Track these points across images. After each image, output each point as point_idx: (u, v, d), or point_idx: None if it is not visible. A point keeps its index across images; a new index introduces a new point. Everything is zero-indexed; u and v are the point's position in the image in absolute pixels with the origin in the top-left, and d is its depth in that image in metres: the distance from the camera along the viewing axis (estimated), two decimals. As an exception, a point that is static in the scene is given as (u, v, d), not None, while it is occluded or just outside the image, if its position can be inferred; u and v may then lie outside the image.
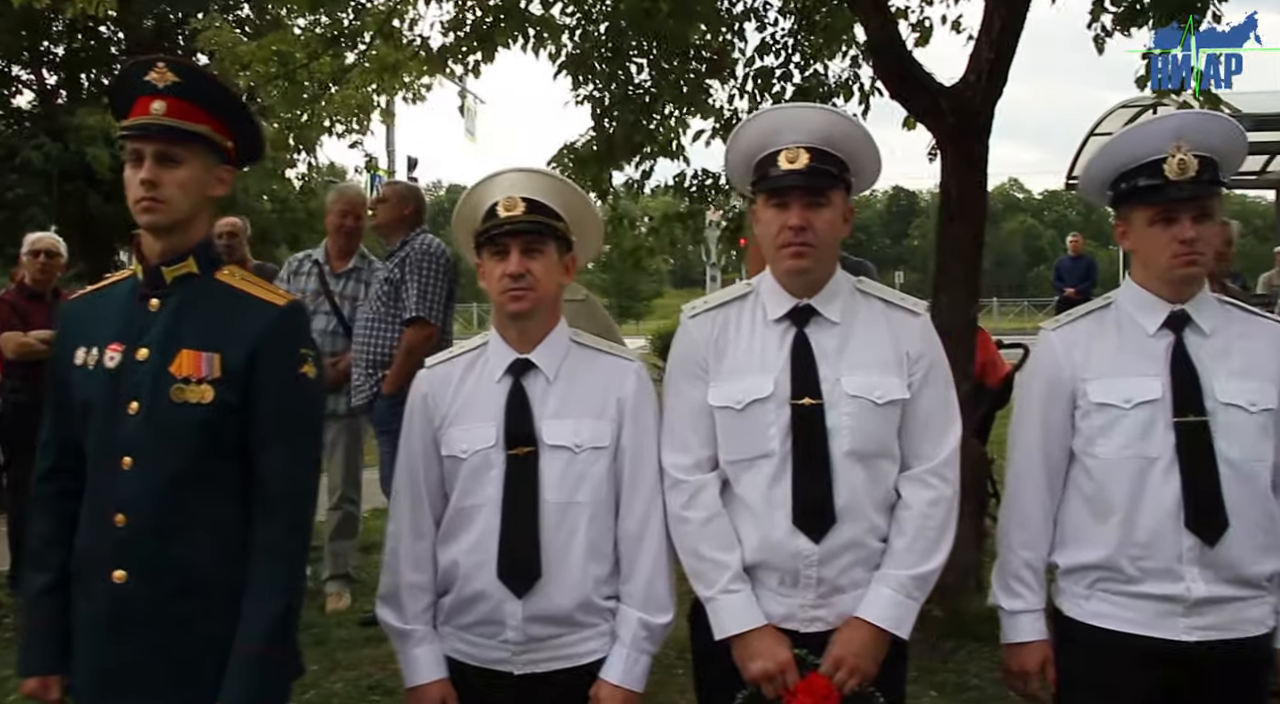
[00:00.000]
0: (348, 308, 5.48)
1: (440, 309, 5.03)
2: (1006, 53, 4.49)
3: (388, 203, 5.26)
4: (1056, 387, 2.43)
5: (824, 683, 2.23)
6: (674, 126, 5.66)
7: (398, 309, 5.05)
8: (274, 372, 2.16)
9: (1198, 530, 2.26)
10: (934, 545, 2.30)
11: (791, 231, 2.29)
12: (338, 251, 5.63)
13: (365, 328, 5.13)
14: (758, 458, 2.30)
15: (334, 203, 5.68)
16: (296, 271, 5.64)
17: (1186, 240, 2.29)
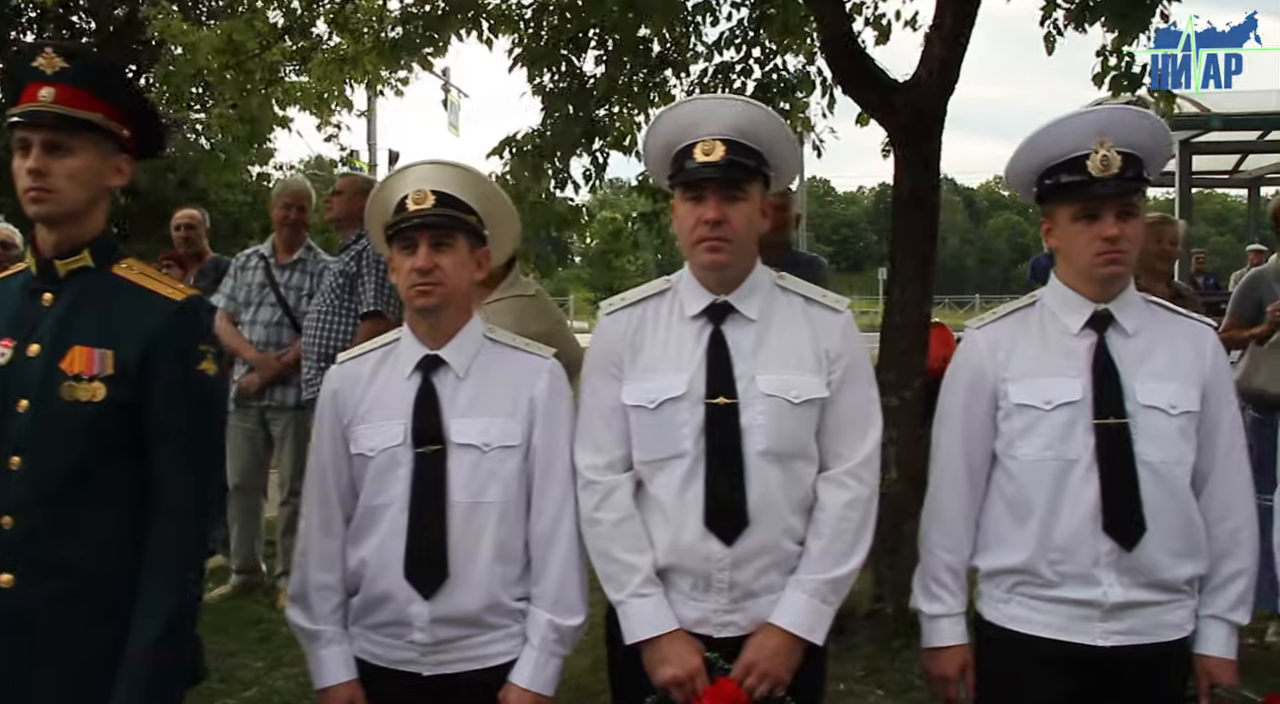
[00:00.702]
0: (293, 298, 5.49)
1: (398, 303, 4.99)
2: (958, 49, 4.45)
3: (343, 195, 5.23)
4: (978, 387, 2.39)
5: (732, 688, 2.18)
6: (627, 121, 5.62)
7: (352, 302, 5.03)
8: (168, 369, 2.09)
9: (1115, 535, 2.22)
10: (850, 548, 2.26)
11: (707, 226, 2.24)
12: (283, 244, 5.63)
13: (317, 321, 5.09)
14: (670, 458, 2.26)
15: (278, 196, 5.71)
16: (243, 266, 5.65)
17: (1109, 238, 2.25)
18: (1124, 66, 4.81)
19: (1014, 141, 2.38)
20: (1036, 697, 2.29)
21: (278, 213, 5.63)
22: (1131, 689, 2.27)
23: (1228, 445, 2.32)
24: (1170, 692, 2.29)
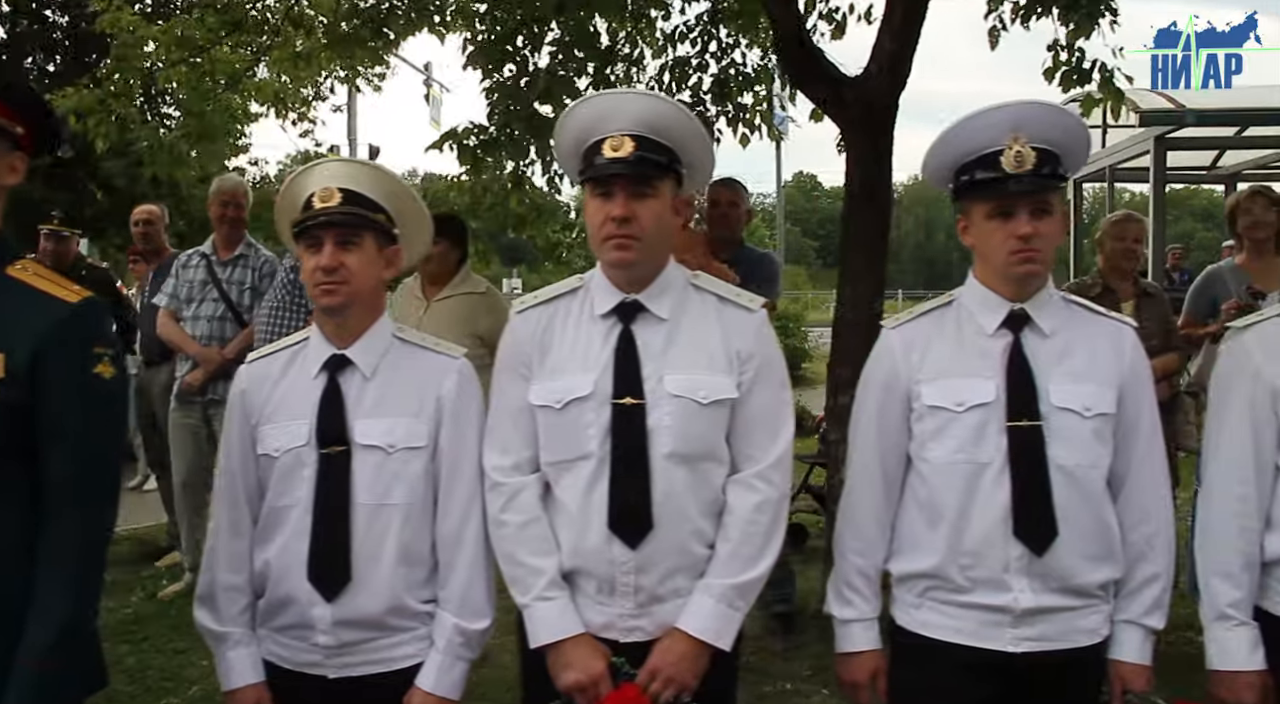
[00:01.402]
0: (235, 294, 5.54)
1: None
2: (909, 44, 4.41)
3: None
4: (892, 388, 2.34)
5: (635, 694, 2.13)
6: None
7: (303, 298, 5.05)
8: (61, 371, 2.03)
9: (1026, 539, 2.18)
10: (759, 552, 2.22)
11: (615, 223, 2.19)
12: (223, 241, 5.70)
13: (269, 316, 5.11)
14: (576, 459, 2.22)
15: (214, 195, 5.77)
16: (185, 265, 5.71)
17: (1023, 236, 2.20)
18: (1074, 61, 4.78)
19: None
20: (949, 703, 2.25)
21: (215, 211, 5.66)
22: (1044, 695, 2.23)
23: (1145, 448, 2.28)
24: (1084, 697, 2.25)
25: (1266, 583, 2.28)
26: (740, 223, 5.14)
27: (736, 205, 5.07)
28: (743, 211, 5.15)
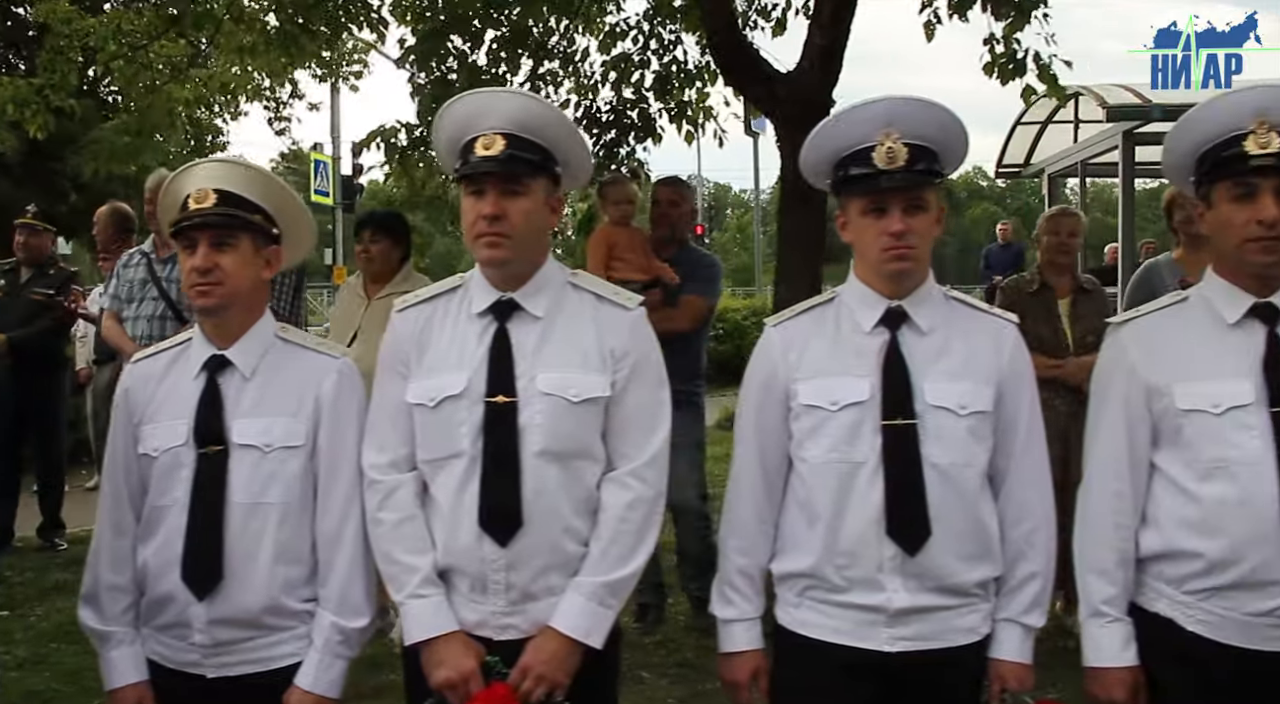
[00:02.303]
0: (175, 291, 5.44)
1: (288, 301, 5.02)
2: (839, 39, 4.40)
3: None
4: (771, 387, 2.33)
5: (504, 692, 2.13)
6: None
7: None
8: None
9: (898, 539, 2.17)
10: (631, 550, 2.22)
11: (486, 221, 2.20)
12: (161, 239, 5.63)
13: None
14: (449, 457, 2.22)
15: (149, 193, 5.72)
16: (126, 264, 5.65)
17: (895, 233, 2.18)
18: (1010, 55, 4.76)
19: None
20: (828, 702, 2.25)
21: (148, 208, 5.61)
22: (923, 695, 2.22)
23: (1024, 445, 2.27)
24: (964, 696, 2.24)
25: (1142, 580, 2.27)
26: (683, 222, 5.14)
27: (677, 204, 5.07)
28: (685, 211, 5.15)
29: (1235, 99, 2.21)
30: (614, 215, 5.09)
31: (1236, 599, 2.14)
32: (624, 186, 5.24)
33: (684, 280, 4.88)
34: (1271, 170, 2.13)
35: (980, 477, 2.23)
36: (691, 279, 4.89)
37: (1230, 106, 2.20)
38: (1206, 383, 2.20)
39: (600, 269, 4.93)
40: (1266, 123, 2.14)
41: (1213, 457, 2.17)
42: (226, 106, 7.33)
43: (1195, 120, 2.25)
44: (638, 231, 5.13)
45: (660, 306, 4.78)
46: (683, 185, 5.14)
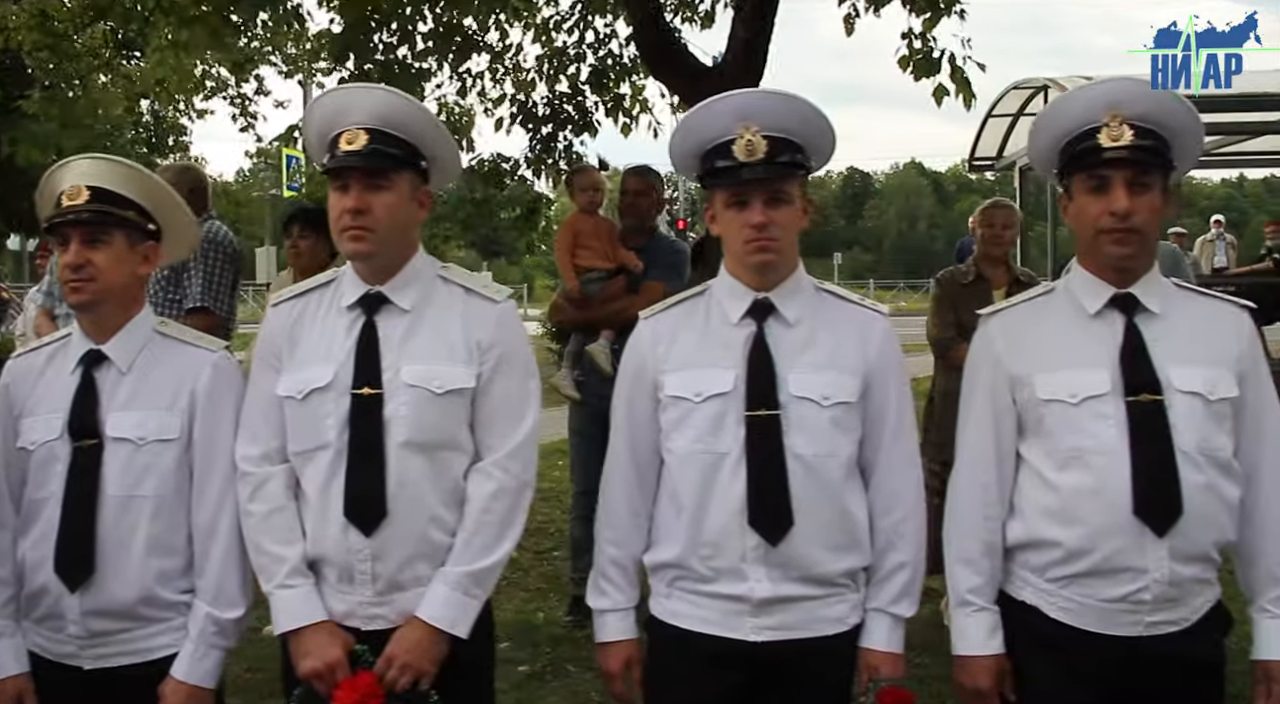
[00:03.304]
0: None
1: (226, 298, 5.01)
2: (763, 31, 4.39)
3: None
4: (641, 379, 2.35)
5: (369, 681, 2.16)
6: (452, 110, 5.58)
7: (176, 295, 5.01)
8: None
9: (760, 529, 2.19)
10: (495, 540, 2.25)
11: (350, 215, 2.23)
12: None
13: None
14: (316, 449, 2.25)
15: None
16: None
17: (757, 225, 2.20)
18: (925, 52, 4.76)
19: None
20: (696, 692, 2.26)
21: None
22: (792, 684, 2.24)
23: (893, 435, 2.28)
24: (834, 686, 2.26)
25: (1009, 568, 2.29)
26: (650, 211, 5.15)
27: (644, 194, 5.08)
28: (653, 200, 5.16)
29: (1089, 92, 2.23)
30: (580, 203, 5.13)
31: (1093, 586, 2.17)
32: (590, 175, 5.28)
33: (648, 268, 4.90)
34: (1124, 162, 2.15)
35: (845, 467, 2.25)
36: (655, 266, 4.91)
37: (1085, 100, 2.22)
38: (1065, 373, 2.22)
39: (566, 257, 4.97)
40: (1119, 116, 2.16)
41: (1070, 446, 2.19)
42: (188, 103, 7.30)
43: (1053, 114, 2.28)
44: (605, 220, 5.16)
45: (623, 294, 4.81)
46: (651, 175, 5.15)
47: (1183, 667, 2.17)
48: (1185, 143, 2.23)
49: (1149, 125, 2.17)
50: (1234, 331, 2.25)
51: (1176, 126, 2.20)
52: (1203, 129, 2.28)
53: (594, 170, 5.39)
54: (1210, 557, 2.18)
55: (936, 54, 4.82)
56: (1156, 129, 2.17)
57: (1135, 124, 2.16)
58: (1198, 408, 2.16)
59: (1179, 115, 2.20)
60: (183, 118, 14.11)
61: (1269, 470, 2.23)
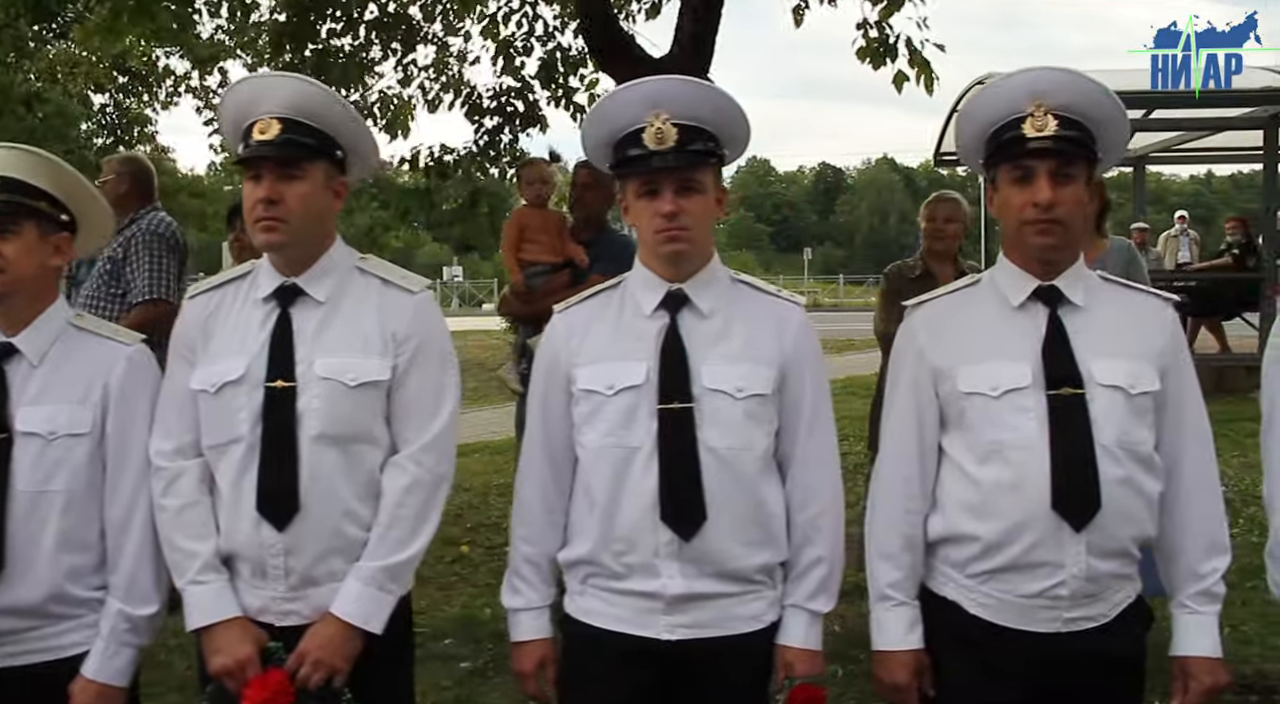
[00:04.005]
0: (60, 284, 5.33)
1: (172, 289, 4.98)
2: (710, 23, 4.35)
3: (107, 182, 5.14)
4: (554, 373, 2.31)
5: (279, 678, 2.12)
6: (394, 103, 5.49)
7: (119, 288, 5.03)
8: None
9: (672, 524, 2.15)
10: (410, 534, 2.22)
11: (262, 205, 2.19)
12: None
13: (85, 307, 4.98)
14: (229, 443, 2.21)
15: None
16: None
17: (666, 214, 2.16)
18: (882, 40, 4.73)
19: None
20: (609, 692, 2.22)
21: None
22: (707, 683, 2.20)
23: (809, 428, 2.25)
24: (746, 685, 2.22)
25: (931, 563, 2.26)
26: (598, 204, 5.09)
27: (591, 187, 5.02)
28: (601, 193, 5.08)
29: (1013, 82, 2.19)
30: (528, 196, 5.09)
31: (1011, 581, 2.14)
32: (537, 168, 5.23)
33: (595, 261, 4.86)
34: (1047, 153, 2.12)
35: (760, 460, 2.21)
36: (601, 259, 4.87)
37: (1008, 90, 2.18)
38: (987, 365, 2.19)
39: (511, 251, 4.93)
40: (1043, 105, 2.13)
41: (990, 440, 2.16)
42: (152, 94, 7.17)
43: (978, 104, 2.24)
44: (554, 214, 5.11)
45: (566, 288, 4.76)
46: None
47: (1102, 663, 2.15)
48: (1110, 134, 2.20)
49: (1073, 115, 2.14)
50: (1157, 325, 2.23)
51: (1101, 117, 2.17)
52: (1128, 121, 2.26)
53: (542, 163, 5.35)
54: (1129, 552, 2.16)
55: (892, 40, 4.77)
56: (1081, 120, 2.14)
57: (1060, 114, 2.13)
58: (1119, 402, 2.14)
59: (1104, 106, 2.17)
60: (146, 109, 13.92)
61: (1190, 465, 2.21)
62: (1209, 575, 2.20)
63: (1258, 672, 4.19)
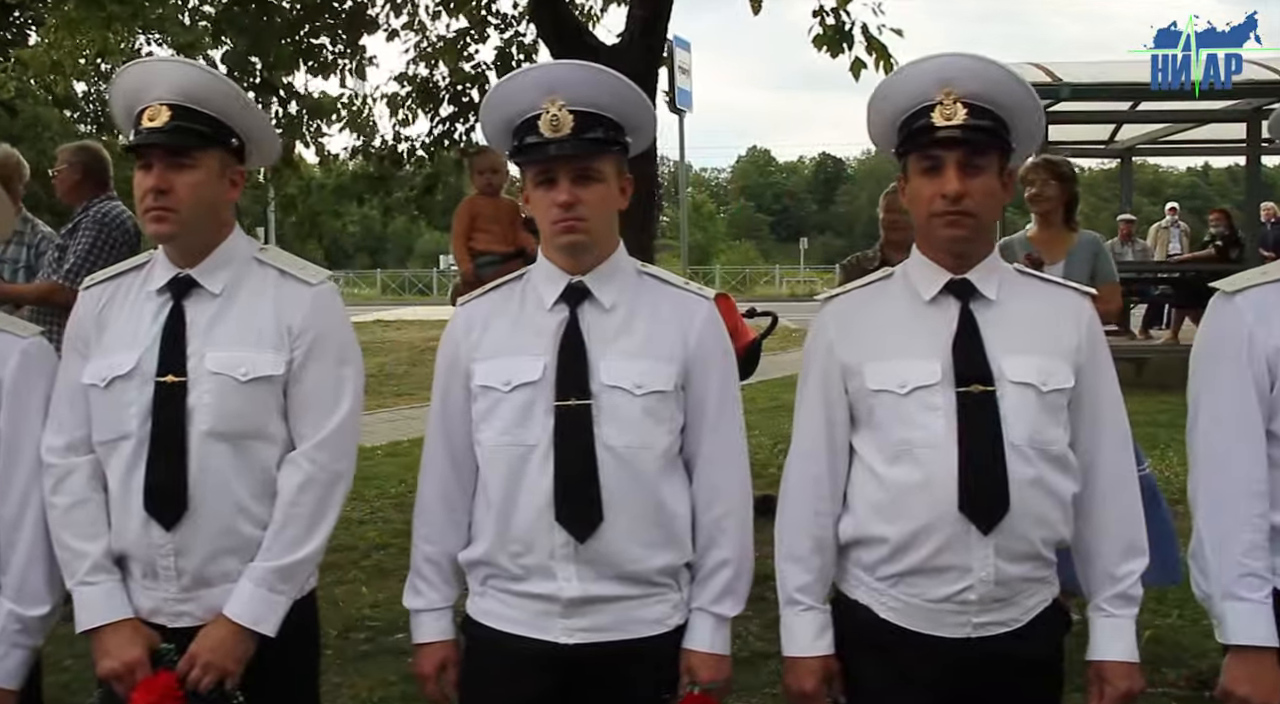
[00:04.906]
0: (8, 272, 5.28)
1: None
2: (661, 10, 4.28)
3: (61, 171, 5.11)
4: (454, 369, 2.24)
5: (167, 681, 2.08)
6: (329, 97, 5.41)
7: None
8: None
9: (567, 525, 2.09)
10: (304, 533, 2.17)
11: (152, 195, 2.14)
12: None
13: None
14: (119, 439, 2.16)
15: None
16: None
17: (563, 204, 2.09)
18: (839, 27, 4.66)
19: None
20: (507, 697, 2.16)
21: None
22: (609, 687, 2.14)
23: (714, 426, 2.18)
24: (647, 690, 2.15)
25: (844, 566, 2.20)
26: None
27: None
28: None
29: (921, 68, 2.12)
30: (479, 185, 5.03)
31: (919, 585, 2.08)
32: (489, 157, 5.15)
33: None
34: (956, 142, 2.04)
35: (660, 459, 2.14)
36: None
37: (917, 76, 2.11)
38: (896, 362, 2.12)
39: (460, 240, 4.87)
40: (953, 93, 2.05)
41: (899, 439, 2.10)
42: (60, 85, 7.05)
43: (887, 90, 2.16)
44: (507, 202, 5.05)
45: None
46: None
47: (1013, 667, 2.09)
48: (1024, 124, 2.13)
49: (984, 104, 2.06)
50: (1073, 319, 2.16)
51: (1014, 106, 2.09)
52: (1042, 110, 2.19)
53: (494, 152, 5.27)
54: (1040, 555, 2.09)
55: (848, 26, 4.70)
56: (993, 108, 2.07)
57: (969, 102, 2.05)
58: (1030, 399, 2.07)
59: (1015, 94, 2.10)
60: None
61: (1107, 465, 2.15)
62: (1125, 578, 2.13)
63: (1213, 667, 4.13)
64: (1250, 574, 2.05)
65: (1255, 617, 2.05)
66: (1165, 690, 3.97)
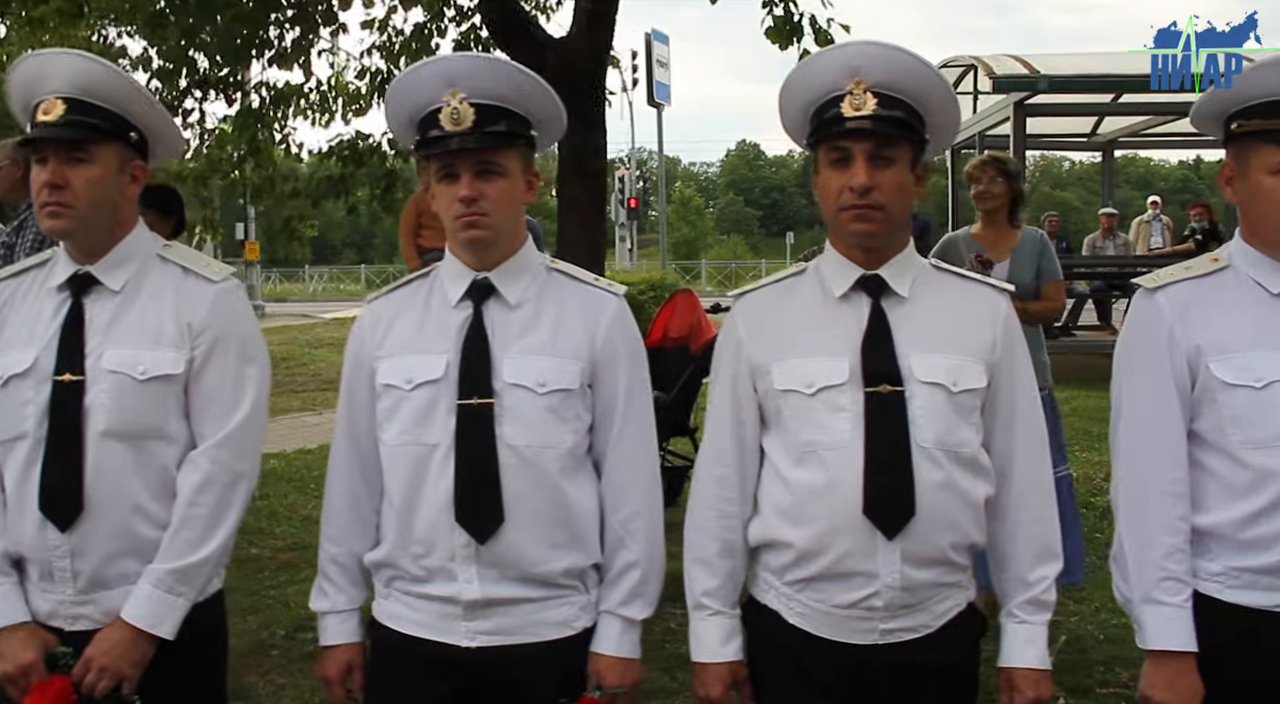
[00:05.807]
0: None
1: None
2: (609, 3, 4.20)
3: (3, 168, 5.03)
4: (360, 366, 2.20)
5: (61, 685, 2.04)
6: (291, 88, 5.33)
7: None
8: None
9: (467, 526, 2.04)
10: (202, 535, 2.13)
11: (47, 190, 2.09)
12: None
13: None
14: (15, 439, 2.12)
15: None
16: None
17: (464, 198, 2.04)
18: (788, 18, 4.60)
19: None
20: (410, 700, 2.12)
21: None
22: (508, 692, 2.10)
23: (621, 426, 2.14)
24: (549, 694, 2.09)
25: (754, 570, 2.15)
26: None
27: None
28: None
29: (831, 57, 2.06)
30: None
31: (825, 591, 2.03)
32: None
33: None
34: (864, 134, 1.98)
35: (564, 459, 2.10)
36: None
37: (826, 65, 2.05)
38: (804, 361, 2.07)
39: (409, 237, 4.81)
40: (862, 83, 1.99)
41: (805, 440, 2.04)
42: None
43: (797, 79, 2.10)
44: None
45: None
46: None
47: (925, 675, 2.03)
48: (938, 116, 2.07)
49: (896, 94, 1.99)
50: (988, 317, 2.10)
51: (926, 96, 2.03)
52: (956, 101, 2.13)
53: None
54: (950, 560, 2.04)
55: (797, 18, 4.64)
56: (904, 98, 2.00)
57: (880, 92, 1.99)
58: (939, 400, 2.01)
59: (928, 84, 2.03)
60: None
61: (1021, 468, 2.09)
62: (1038, 583, 2.08)
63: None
64: (1170, 578, 2.02)
65: (1174, 621, 2.01)
66: (1117, 690, 3.92)
